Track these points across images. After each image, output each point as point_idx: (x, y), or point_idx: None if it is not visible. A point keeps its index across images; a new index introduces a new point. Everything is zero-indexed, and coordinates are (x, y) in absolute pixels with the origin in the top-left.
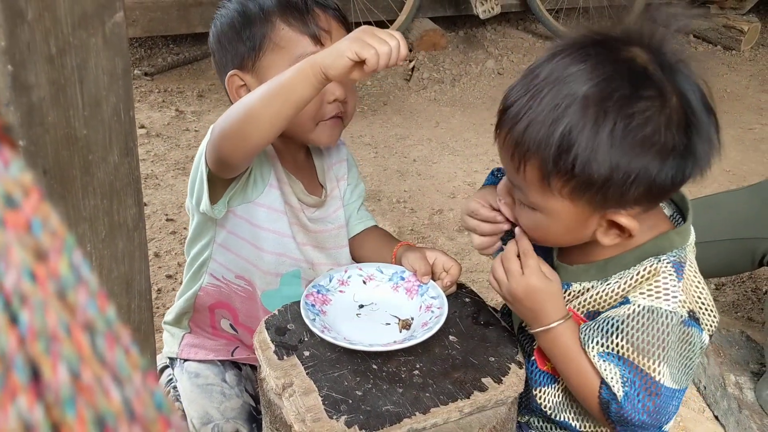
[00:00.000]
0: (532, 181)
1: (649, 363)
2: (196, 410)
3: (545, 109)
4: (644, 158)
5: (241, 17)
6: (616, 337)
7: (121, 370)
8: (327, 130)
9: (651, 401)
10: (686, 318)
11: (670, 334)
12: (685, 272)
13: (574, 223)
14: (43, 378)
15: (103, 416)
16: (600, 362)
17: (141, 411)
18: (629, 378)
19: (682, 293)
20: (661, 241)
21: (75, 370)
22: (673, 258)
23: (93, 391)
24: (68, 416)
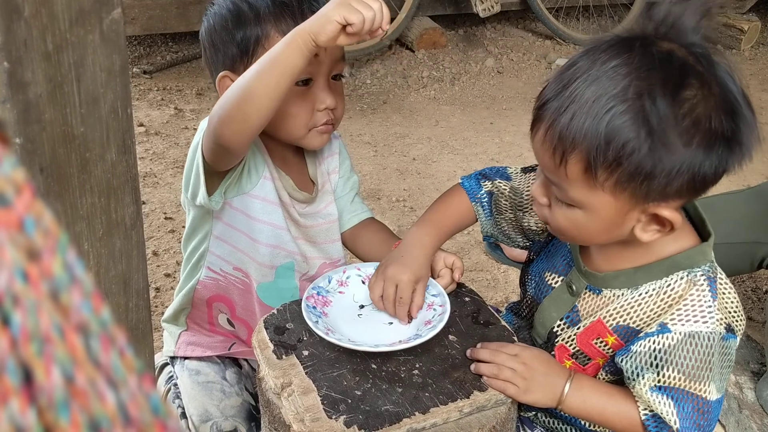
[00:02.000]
0: (575, 175)
1: (699, 386)
2: (196, 408)
3: (589, 100)
4: (692, 146)
5: (235, 19)
6: (666, 370)
7: (116, 372)
8: (318, 137)
9: (703, 419)
10: (725, 333)
11: (714, 354)
12: (719, 287)
13: (614, 217)
14: (35, 381)
15: (98, 420)
16: (653, 396)
17: (136, 415)
18: (683, 405)
19: (718, 311)
20: (694, 254)
21: (69, 373)
22: (708, 272)
23: (87, 394)
24: (62, 420)
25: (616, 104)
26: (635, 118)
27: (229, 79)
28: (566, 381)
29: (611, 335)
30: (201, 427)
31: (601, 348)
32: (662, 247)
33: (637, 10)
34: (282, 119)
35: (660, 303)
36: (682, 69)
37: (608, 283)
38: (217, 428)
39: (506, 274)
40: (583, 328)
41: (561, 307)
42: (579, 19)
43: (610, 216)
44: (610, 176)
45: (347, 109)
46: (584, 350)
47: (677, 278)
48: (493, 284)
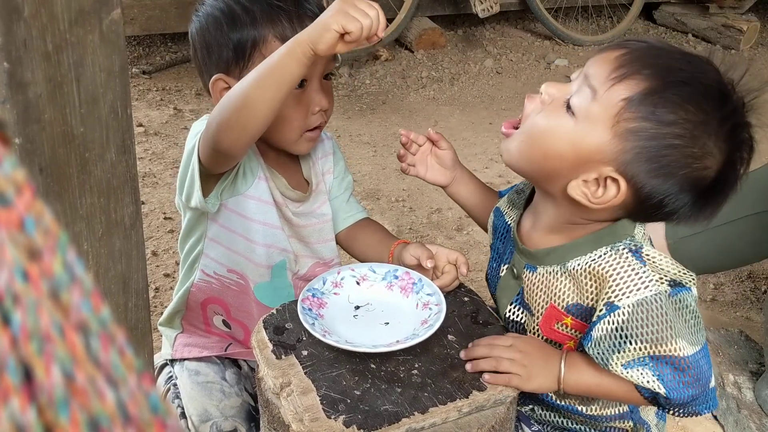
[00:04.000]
0: (614, 96)
1: (666, 347)
2: (196, 408)
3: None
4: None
5: (229, 20)
6: (629, 344)
7: (116, 371)
8: (306, 143)
9: (687, 375)
10: (670, 290)
11: (667, 312)
12: (644, 254)
13: (585, 153)
14: (35, 379)
15: (97, 418)
16: (628, 372)
17: (136, 413)
18: (660, 369)
19: (653, 272)
20: (615, 229)
21: (68, 371)
22: (629, 244)
23: (87, 392)
24: (61, 418)
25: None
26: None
27: (223, 81)
28: (561, 361)
29: (566, 316)
30: (201, 427)
31: (565, 331)
32: (583, 229)
33: (635, 10)
34: (277, 123)
35: (592, 278)
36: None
37: (541, 259)
38: (217, 428)
39: None
40: (541, 318)
41: (509, 293)
42: (578, 19)
43: (586, 148)
44: (630, 121)
45: (346, 110)
46: (551, 338)
47: (601, 253)
48: None
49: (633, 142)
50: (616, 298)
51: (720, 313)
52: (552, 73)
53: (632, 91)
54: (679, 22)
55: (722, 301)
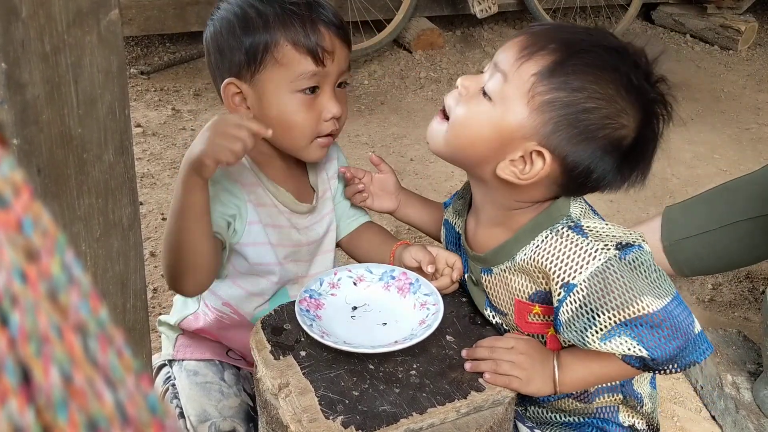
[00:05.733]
0: (520, 75)
1: (635, 308)
2: (194, 408)
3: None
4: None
5: (243, 24)
6: (598, 317)
7: (114, 372)
8: (318, 150)
9: (663, 328)
10: (619, 253)
11: (623, 275)
12: (585, 227)
13: (507, 132)
14: (34, 381)
15: (96, 420)
16: (607, 345)
17: (134, 414)
18: (636, 332)
19: (597, 241)
20: (549, 212)
21: (67, 372)
22: (567, 222)
23: (85, 394)
24: (60, 420)
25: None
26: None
27: (234, 86)
28: (552, 363)
29: (533, 305)
30: (199, 428)
31: (540, 320)
32: (522, 216)
33: (633, 11)
34: (287, 130)
35: (539, 262)
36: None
37: (492, 260)
38: (216, 428)
39: None
40: (514, 315)
41: (479, 299)
42: (576, 19)
43: (507, 128)
44: (543, 94)
45: None
46: (531, 331)
47: (542, 237)
48: None
49: (549, 113)
50: (570, 277)
51: (718, 314)
52: None
53: (540, 65)
54: (677, 23)
55: (720, 302)
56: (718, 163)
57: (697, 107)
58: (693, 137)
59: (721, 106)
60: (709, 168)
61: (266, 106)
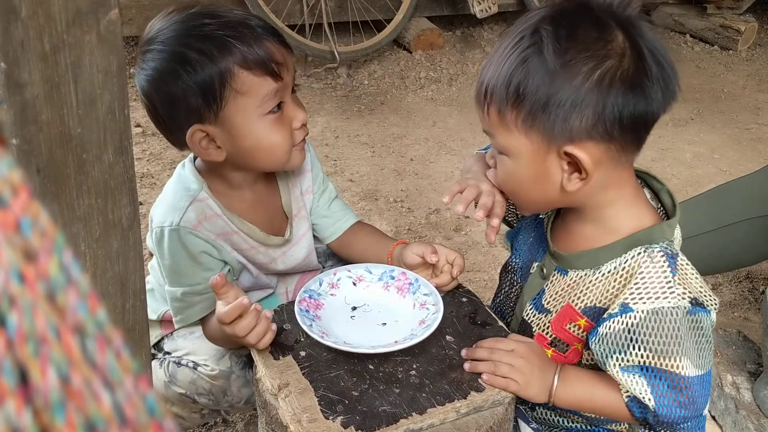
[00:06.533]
0: (494, 120)
1: (670, 362)
2: (206, 352)
3: (501, 52)
4: (586, 83)
5: (186, 67)
6: (633, 349)
7: (112, 373)
8: (299, 155)
9: (683, 395)
10: (690, 307)
11: (680, 328)
12: (679, 264)
13: (535, 160)
14: (31, 382)
15: (94, 421)
16: (624, 376)
17: (132, 415)
18: (656, 383)
19: (680, 285)
20: (651, 232)
21: (64, 373)
22: (666, 248)
23: (83, 395)
24: (57, 421)
25: (519, 48)
26: (530, 57)
27: (200, 131)
28: (554, 374)
29: (581, 317)
30: (220, 363)
31: (576, 332)
32: (623, 225)
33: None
34: (267, 153)
35: (619, 279)
36: (588, 18)
37: (573, 263)
38: (236, 356)
39: None
40: (555, 314)
41: (532, 292)
42: None
43: (531, 158)
44: (518, 114)
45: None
46: (560, 337)
47: (634, 254)
48: (490, 285)
49: (532, 120)
50: (632, 301)
51: (718, 314)
52: None
53: (495, 103)
54: (677, 23)
55: (720, 302)
56: (718, 163)
57: (697, 107)
58: (693, 137)
59: (721, 106)
60: (709, 168)
61: (239, 138)
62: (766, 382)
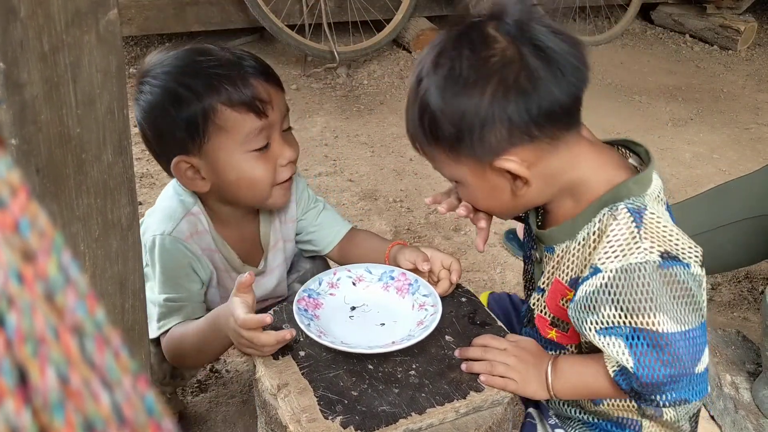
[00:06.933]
0: (431, 158)
1: (644, 319)
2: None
3: (407, 99)
4: (479, 106)
5: (174, 102)
6: (605, 309)
7: (111, 373)
8: (282, 194)
9: (665, 353)
10: (660, 261)
11: (651, 284)
12: (646, 218)
13: (480, 182)
14: (30, 382)
15: (92, 421)
16: (602, 340)
17: (131, 415)
18: (635, 343)
19: (646, 239)
20: (617, 191)
21: (63, 373)
22: (630, 205)
23: (82, 395)
24: (56, 421)
25: (417, 89)
26: (430, 89)
27: (185, 162)
28: (547, 368)
29: (569, 291)
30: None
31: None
32: (594, 191)
33: (633, 11)
34: (249, 188)
35: (592, 244)
36: (471, 36)
37: (554, 238)
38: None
39: (503, 275)
40: (548, 292)
41: (536, 278)
42: (575, 20)
43: (475, 180)
44: (440, 148)
45: (344, 110)
46: (557, 315)
47: (600, 216)
48: (489, 285)
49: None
50: (600, 261)
51: (717, 314)
52: None
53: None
54: (677, 23)
55: (719, 302)
56: (718, 163)
57: (697, 107)
58: (692, 137)
59: (720, 106)
60: (709, 168)
61: (222, 172)
62: (765, 382)
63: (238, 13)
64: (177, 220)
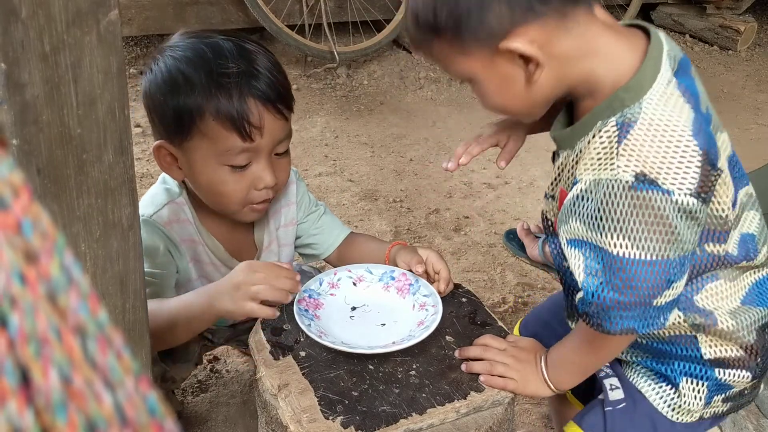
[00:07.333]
0: (437, 57)
1: (603, 238)
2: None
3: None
4: None
5: (170, 88)
6: (572, 221)
7: (113, 374)
8: (251, 214)
9: (617, 277)
10: (633, 182)
11: (619, 203)
12: (632, 134)
13: (491, 73)
14: (33, 382)
15: (95, 421)
16: (567, 250)
17: (133, 416)
18: (590, 258)
19: (623, 156)
20: (611, 101)
21: (66, 374)
22: (620, 118)
23: (84, 395)
24: (59, 421)
25: None
26: None
27: (165, 149)
28: (540, 364)
29: None
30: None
31: None
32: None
33: (633, 11)
34: (217, 197)
35: (582, 157)
36: None
37: (559, 143)
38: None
39: (503, 275)
40: (557, 201)
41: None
42: None
43: (485, 72)
44: (445, 42)
45: (344, 110)
46: None
47: (595, 130)
48: (489, 285)
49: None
50: (578, 173)
51: None
52: None
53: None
54: (677, 23)
55: None
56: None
57: None
58: None
59: (720, 106)
60: None
61: (196, 172)
62: (765, 382)
63: (238, 13)
64: (158, 205)
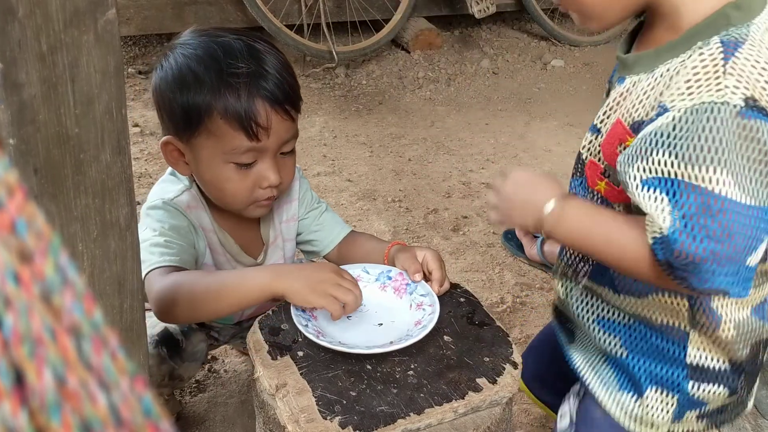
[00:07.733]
0: None
1: (702, 173)
2: None
3: None
4: None
5: (179, 85)
6: (656, 154)
7: (108, 375)
8: (257, 210)
9: (715, 222)
10: (742, 107)
11: (722, 130)
12: (741, 52)
13: None
14: (27, 383)
15: (89, 422)
16: (642, 192)
17: (128, 417)
18: (681, 200)
19: (731, 76)
20: (715, 19)
21: (60, 375)
22: (726, 37)
23: (79, 396)
24: (53, 422)
25: None
26: None
27: (172, 145)
28: (548, 201)
29: (631, 136)
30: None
31: None
32: (692, 14)
33: None
34: (221, 193)
35: (668, 81)
36: None
37: (632, 66)
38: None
39: (501, 275)
40: (605, 134)
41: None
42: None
43: None
44: None
45: (343, 110)
46: (612, 163)
47: (692, 51)
48: (488, 285)
49: None
50: (670, 100)
51: None
52: (548, 73)
53: None
54: None
55: None
56: None
57: None
58: None
59: None
60: None
61: (201, 169)
62: (763, 383)
63: (237, 13)
64: (177, 192)
